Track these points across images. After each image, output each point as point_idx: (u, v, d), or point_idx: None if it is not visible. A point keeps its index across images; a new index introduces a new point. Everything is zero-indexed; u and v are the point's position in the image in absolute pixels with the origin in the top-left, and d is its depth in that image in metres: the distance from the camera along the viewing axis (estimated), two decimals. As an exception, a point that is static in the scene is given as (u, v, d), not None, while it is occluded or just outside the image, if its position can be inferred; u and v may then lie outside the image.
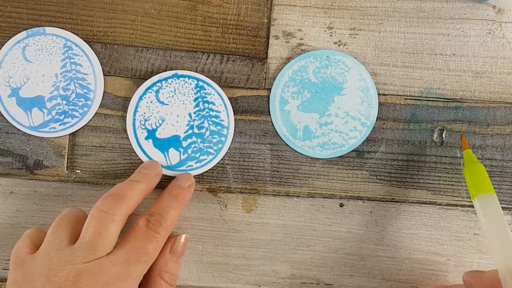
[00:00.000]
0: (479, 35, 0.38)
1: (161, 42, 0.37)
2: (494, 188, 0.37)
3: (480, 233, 0.38)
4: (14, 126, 0.37)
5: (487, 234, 0.31)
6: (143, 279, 0.33)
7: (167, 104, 0.37)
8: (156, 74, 0.37)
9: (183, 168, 0.37)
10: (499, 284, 0.29)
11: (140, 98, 0.37)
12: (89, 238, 0.31)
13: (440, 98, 0.38)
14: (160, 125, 0.37)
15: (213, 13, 0.37)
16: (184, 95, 0.37)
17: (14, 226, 0.37)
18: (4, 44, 0.37)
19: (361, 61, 0.37)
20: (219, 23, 0.37)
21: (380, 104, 0.37)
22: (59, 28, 0.37)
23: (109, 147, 0.37)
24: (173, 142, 0.37)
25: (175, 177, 0.37)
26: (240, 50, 0.37)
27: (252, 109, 0.38)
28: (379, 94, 0.37)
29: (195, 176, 0.37)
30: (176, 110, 0.37)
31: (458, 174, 0.38)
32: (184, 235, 0.36)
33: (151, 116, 0.37)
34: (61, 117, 0.37)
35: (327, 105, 0.37)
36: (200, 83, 0.37)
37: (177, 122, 0.37)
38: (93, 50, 0.37)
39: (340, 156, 0.38)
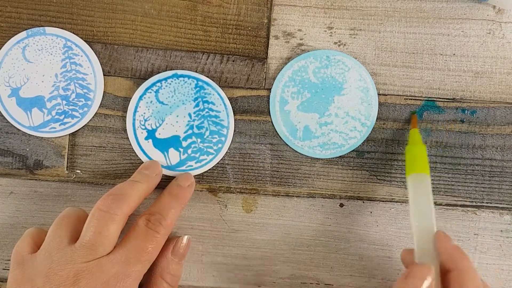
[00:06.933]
0: (479, 35, 0.38)
1: (161, 42, 0.37)
2: (494, 188, 0.38)
3: (479, 233, 0.38)
4: (14, 126, 0.37)
5: (411, 206, 0.32)
6: (145, 279, 0.33)
7: (166, 104, 0.37)
8: (156, 74, 0.37)
9: (183, 168, 0.37)
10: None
11: (140, 98, 0.37)
12: (89, 237, 0.31)
13: (440, 98, 0.38)
14: (160, 125, 0.37)
15: (213, 13, 0.37)
16: (183, 95, 0.37)
17: (14, 226, 0.37)
18: (4, 44, 0.37)
19: (361, 61, 0.37)
20: (219, 23, 0.37)
21: (380, 104, 0.38)
22: (59, 28, 0.37)
23: (109, 147, 0.37)
24: (173, 142, 0.37)
25: (175, 177, 0.37)
26: (240, 50, 0.37)
27: (252, 109, 0.38)
28: (379, 94, 0.37)
29: (195, 176, 0.37)
30: (175, 110, 0.37)
31: (458, 174, 0.38)
32: (186, 236, 0.36)
33: (151, 116, 0.37)
34: (61, 117, 0.37)
35: (327, 105, 0.37)
36: (200, 83, 0.37)
37: (177, 122, 0.37)
38: (93, 50, 0.37)
39: (340, 156, 0.38)
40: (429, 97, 0.38)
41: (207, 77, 0.37)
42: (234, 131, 0.37)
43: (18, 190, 0.37)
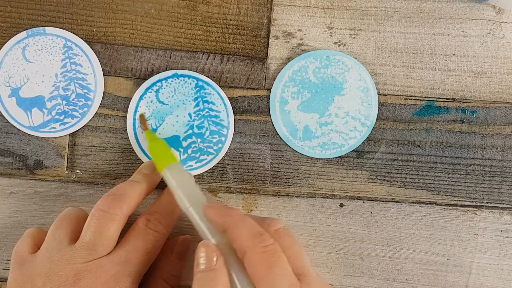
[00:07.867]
0: (479, 35, 0.38)
1: (161, 42, 0.37)
2: (494, 188, 0.38)
3: (479, 233, 0.38)
4: (14, 126, 0.37)
5: (178, 193, 0.32)
6: (145, 279, 0.33)
7: (167, 104, 0.37)
8: (156, 74, 0.37)
9: (183, 168, 0.37)
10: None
11: (140, 98, 0.37)
12: (89, 237, 0.31)
13: (440, 98, 0.38)
14: (160, 125, 0.37)
15: (213, 13, 0.37)
16: (184, 95, 0.37)
17: (14, 226, 0.37)
18: (4, 44, 0.37)
19: (361, 61, 0.37)
20: (219, 23, 0.37)
21: (380, 104, 0.38)
22: (59, 28, 0.37)
23: (109, 147, 0.37)
24: (173, 142, 0.37)
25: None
26: (240, 50, 0.37)
27: (252, 109, 0.38)
28: (379, 94, 0.37)
29: (195, 176, 0.37)
30: (175, 110, 0.37)
31: (458, 174, 0.38)
32: (186, 236, 0.36)
33: (151, 116, 0.37)
34: (61, 117, 0.37)
35: (327, 105, 0.37)
36: (200, 83, 0.37)
37: (177, 122, 0.37)
38: (93, 50, 0.37)
39: (340, 156, 0.38)
40: (429, 97, 0.38)
41: (207, 77, 0.37)
42: (234, 131, 0.37)
43: (18, 190, 0.37)
